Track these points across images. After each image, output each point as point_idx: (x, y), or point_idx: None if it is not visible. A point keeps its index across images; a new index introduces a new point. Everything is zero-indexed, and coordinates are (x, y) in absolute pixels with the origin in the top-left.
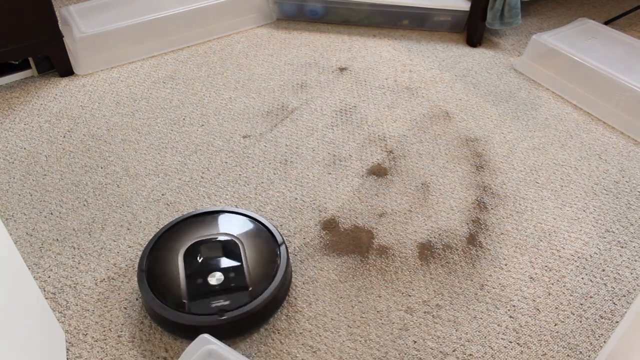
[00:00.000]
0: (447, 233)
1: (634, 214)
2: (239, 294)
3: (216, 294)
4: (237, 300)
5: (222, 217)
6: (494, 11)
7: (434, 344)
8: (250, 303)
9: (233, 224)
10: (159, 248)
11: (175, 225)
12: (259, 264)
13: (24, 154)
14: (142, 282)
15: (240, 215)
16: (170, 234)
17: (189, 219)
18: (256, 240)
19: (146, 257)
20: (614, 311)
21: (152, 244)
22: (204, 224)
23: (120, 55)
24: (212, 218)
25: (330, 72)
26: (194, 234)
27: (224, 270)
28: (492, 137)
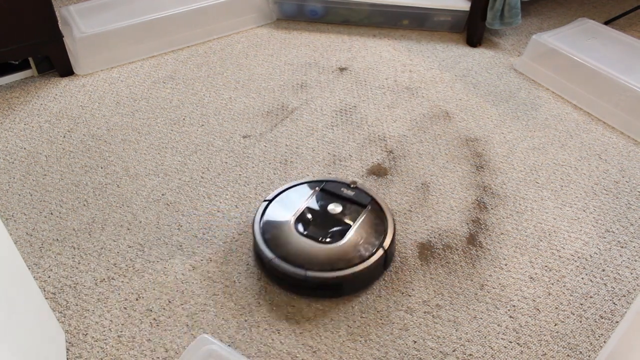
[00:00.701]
0: (447, 233)
1: (634, 214)
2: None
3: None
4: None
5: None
6: (494, 11)
7: (434, 344)
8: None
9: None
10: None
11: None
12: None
13: (24, 154)
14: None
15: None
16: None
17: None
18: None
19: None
20: (614, 311)
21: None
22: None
23: (120, 55)
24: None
25: (330, 72)
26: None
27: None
28: (492, 137)
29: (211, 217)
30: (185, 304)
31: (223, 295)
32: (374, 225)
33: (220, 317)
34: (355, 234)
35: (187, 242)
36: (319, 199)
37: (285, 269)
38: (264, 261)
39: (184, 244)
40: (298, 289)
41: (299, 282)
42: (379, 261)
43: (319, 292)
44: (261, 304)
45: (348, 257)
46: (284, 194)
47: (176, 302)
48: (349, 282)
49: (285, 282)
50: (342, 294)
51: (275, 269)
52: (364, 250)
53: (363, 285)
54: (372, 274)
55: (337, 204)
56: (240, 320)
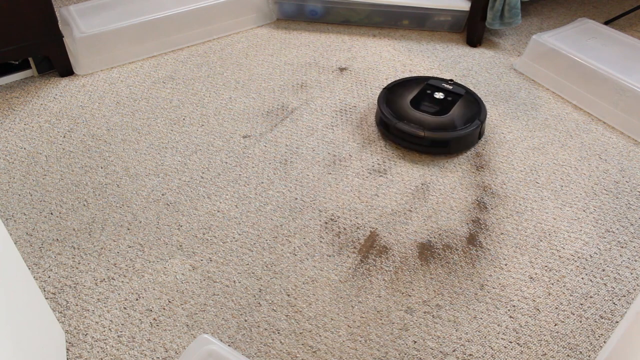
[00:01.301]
0: (447, 233)
1: (634, 214)
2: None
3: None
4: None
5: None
6: (494, 11)
7: (434, 344)
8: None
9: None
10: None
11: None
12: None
13: (24, 154)
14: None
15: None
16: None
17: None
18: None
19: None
20: (614, 311)
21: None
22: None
23: (120, 55)
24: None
25: (330, 72)
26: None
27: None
28: (492, 137)
29: (211, 217)
30: (185, 304)
31: (223, 295)
32: (470, 106)
33: (220, 317)
34: (456, 111)
35: (187, 242)
36: (426, 88)
37: (408, 129)
38: (390, 126)
39: (184, 244)
40: (416, 146)
41: (418, 139)
42: (476, 130)
43: (433, 148)
44: (261, 304)
45: (453, 124)
46: (399, 84)
47: (176, 302)
48: (455, 142)
49: (406, 140)
50: (450, 152)
51: (400, 130)
52: (464, 120)
53: (464, 147)
54: (470, 139)
55: (440, 92)
56: (240, 320)
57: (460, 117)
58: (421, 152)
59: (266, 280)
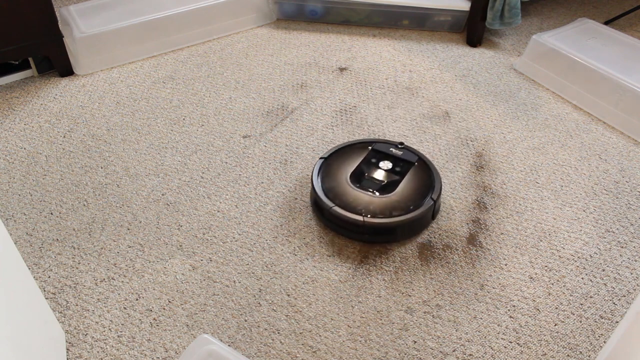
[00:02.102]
0: (447, 233)
1: (634, 214)
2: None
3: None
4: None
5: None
6: (494, 11)
7: (434, 344)
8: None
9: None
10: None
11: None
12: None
13: (24, 154)
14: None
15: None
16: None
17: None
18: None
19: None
20: (614, 311)
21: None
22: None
23: (120, 55)
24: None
25: (330, 72)
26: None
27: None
28: (492, 137)
29: (211, 217)
30: (185, 304)
31: (223, 295)
32: (423, 179)
33: (220, 317)
34: (405, 187)
35: (187, 242)
36: (371, 156)
37: (345, 215)
38: (324, 210)
39: (184, 244)
40: (355, 234)
41: (357, 227)
42: (428, 211)
43: (375, 236)
44: (261, 304)
45: (400, 206)
46: (338, 152)
47: (176, 302)
48: (402, 228)
49: (344, 228)
50: (395, 240)
51: (335, 216)
52: (414, 200)
53: (413, 232)
54: (422, 223)
55: (387, 161)
56: (240, 320)
57: (410, 194)
58: (362, 242)
59: (266, 280)
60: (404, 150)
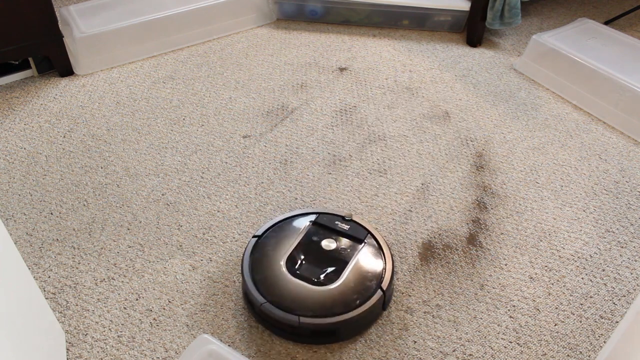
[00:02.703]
0: (447, 233)
1: (634, 214)
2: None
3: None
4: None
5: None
6: (494, 11)
7: (434, 344)
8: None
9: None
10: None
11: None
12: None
13: (24, 154)
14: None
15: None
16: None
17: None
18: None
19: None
20: (614, 311)
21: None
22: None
23: (120, 55)
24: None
25: (330, 72)
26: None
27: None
28: (492, 137)
29: (211, 217)
30: (185, 304)
31: (223, 295)
32: (372, 262)
33: (220, 317)
34: (351, 274)
35: (187, 242)
36: (312, 233)
37: (277, 314)
38: (254, 305)
39: (184, 244)
40: (290, 335)
41: (292, 329)
42: (377, 304)
43: (313, 339)
44: None
45: (344, 300)
46: (275, 229)
47: (176, 302)
48: (345, 328)
49: (277, 327)
50: (338, 340)
51: (266, 314)
52: (360, 292)
53: (360, 329)
54: (370, 318)
55: (331, 239)
56: (240, 320)
57: (357, 283)
58: (299, 343)
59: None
60: (352, 224)
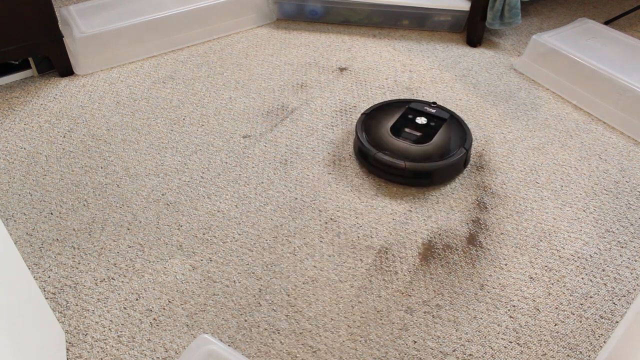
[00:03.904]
0: (447, 233)
1: (634, 214)
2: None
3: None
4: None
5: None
6: (494, 11)
7: (434, 344)
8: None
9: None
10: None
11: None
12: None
13: (24, 154)
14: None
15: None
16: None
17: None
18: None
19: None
20: (614, 311)
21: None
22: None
23: (120, 55)
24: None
25: (330, 72)
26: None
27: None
28: (492, 137)
29: (211, 217)
30: (185, 304)
31: (223, 295)
32: (456, 132)
33: (220, 317)
34: (439, 138)
35: (187, 242)
36: (408, 113)
37: (388, 160)
38: (368, 156)
39: (184, 244)
40: (397, 178)
41: (399, 171)
42: (461, 158)
43: (415, 180)
44: (261, 304)
45: (437, 153)
46: (378, 108)
47: (176, 302)
48: (438, 172)
49: (387, 172)
50: (432, 183)
51: (379, 161)
52: (449, 149)
53: (448, 177)
54: (455, 168)
55: (423, 117)
56: (240, 320)
57: (444, 144)
58: (404, 184)
59: (266, 280)
60: (437, 108)
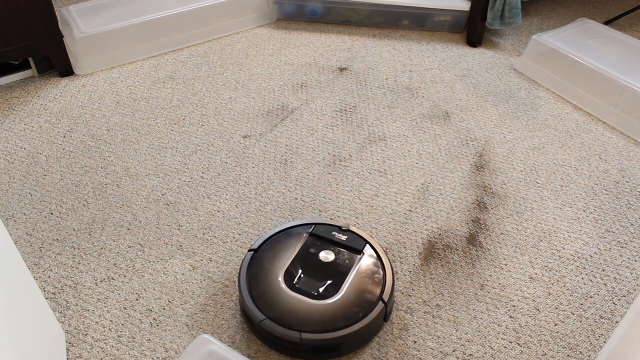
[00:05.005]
0: (447, 233)
1: (634, 214)
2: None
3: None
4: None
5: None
6: (494, 11)
7: (434, 344)
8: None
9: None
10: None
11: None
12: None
13: (24, 154)
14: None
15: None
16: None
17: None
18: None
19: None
20: (614, 311)
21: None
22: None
23: (120, 55)
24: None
25: (330, 72)
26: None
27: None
28: (492, 137)
29: (211, 217)
30: (185, 304)
31: (223, 295)
32: (371, 273)
33: (220, 317)
34: (351, 287)
35: (187, 242)
36: (309, 245)
37: (278, 331)
38: (254, 322)
39: (184, 244)
40: (292, 352)
41: (293, 345)
42: (379, 316)
43: (315, 355)
44: None
45: (345, 314)
46: (271, 241)
47: (176, 302)
48: (348, 342)
49: (278, 344)
50: (341, 355)
51: (267, 332)
52: (361, 305)
53: (362, 343)
54: (372, 330)
55: (329, 250)
56: (240, 320)
57: (357, 296)
58: (300, 359)
59: None
60: (349, 234)
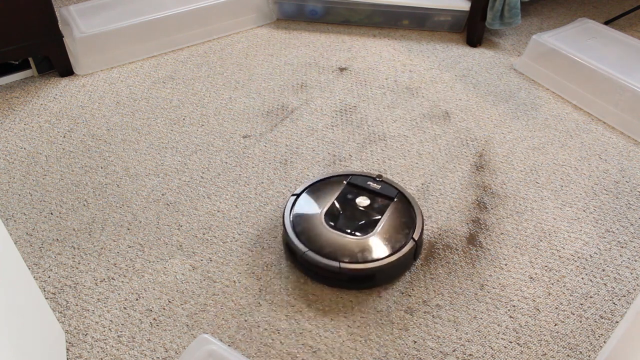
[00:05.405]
0: (447, 233)
1: (634, 214)
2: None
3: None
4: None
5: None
6: (494, 11)
7: (434, 344)
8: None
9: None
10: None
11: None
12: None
13: (24, 154)
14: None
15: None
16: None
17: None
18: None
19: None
20: (614, 311)
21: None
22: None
23: (120, 55)
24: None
25: (330, 72)
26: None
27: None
28: (492, 137)
29: (211, 217)
30: (185, 304)
31: (223, 295)
32: (403, 216)
33: (220, 317)
34: (385, 226)
35: (187, 242)
36: (346, 192)
37: (320, 261)
38: (296, 254)
39: (184, 244)
40: (331, 282)
41: (333, 274)
42: (410, 252)
43: (352, 284)
44: (261, 304)
45: (380, 248)
46: (311, 188)
47: (176, 302)
48: (382, 273)
49: (319, 274)
50: (374, 285)
51: (308, 262)
52: (395, 241)
53: (394, 276)
54: (403, 265)
55: (364, 197)
56: (240, 320)
57: (390, 234)
58: (339, 287)
59: (266, 280)
60: (382, 183)
